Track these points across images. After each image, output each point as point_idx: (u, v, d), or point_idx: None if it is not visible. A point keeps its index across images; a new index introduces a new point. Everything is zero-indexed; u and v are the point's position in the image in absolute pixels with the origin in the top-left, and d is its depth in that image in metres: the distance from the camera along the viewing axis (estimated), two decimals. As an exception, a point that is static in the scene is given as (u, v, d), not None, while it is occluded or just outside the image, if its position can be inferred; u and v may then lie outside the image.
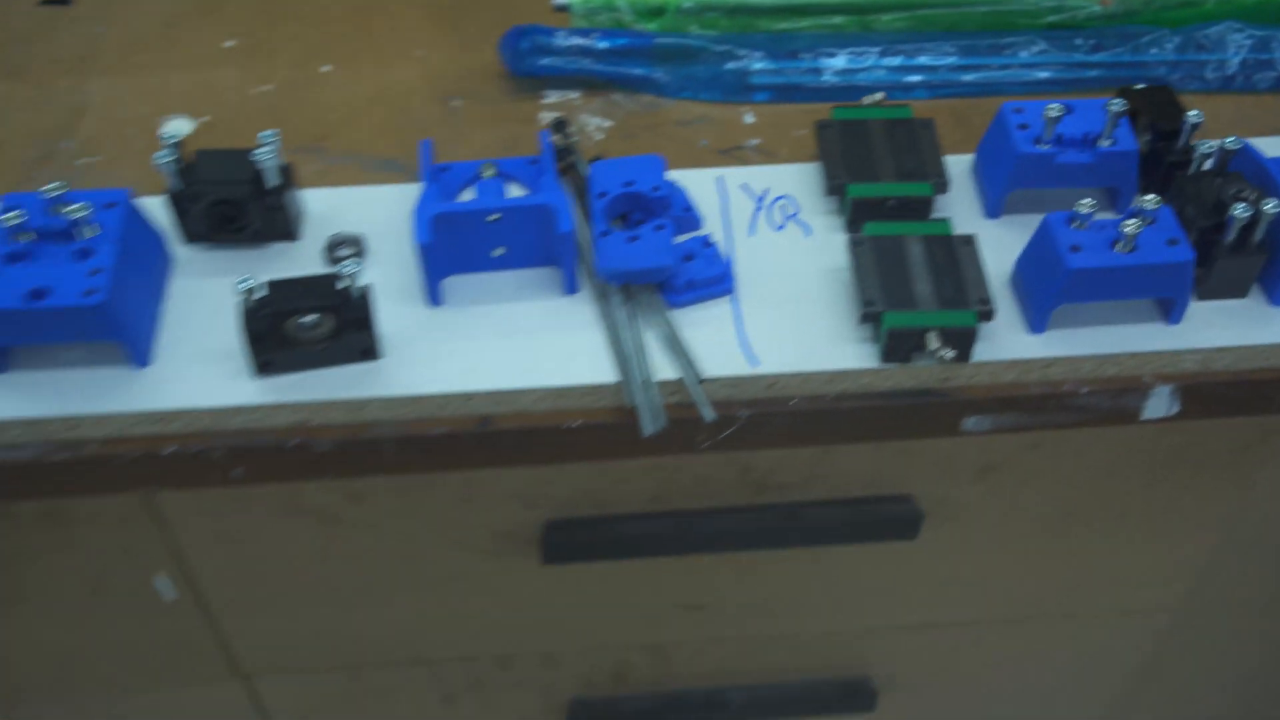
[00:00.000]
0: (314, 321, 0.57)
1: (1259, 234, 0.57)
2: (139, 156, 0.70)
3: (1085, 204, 0.55)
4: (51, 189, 0.58)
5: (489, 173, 0.62)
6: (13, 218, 0.58)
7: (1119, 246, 0.55)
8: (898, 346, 0.57)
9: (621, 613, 0.76)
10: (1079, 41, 0.73)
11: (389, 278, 0.62)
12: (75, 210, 0.57)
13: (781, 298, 0.61)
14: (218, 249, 0.64)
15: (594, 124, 0.71)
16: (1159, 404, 0.59)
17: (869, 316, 0.57)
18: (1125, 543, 0.74)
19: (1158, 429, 0.64)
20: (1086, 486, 0.69)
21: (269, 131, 0.61)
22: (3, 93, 0.74)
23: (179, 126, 0.72)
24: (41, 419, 0.58)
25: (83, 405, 0.58)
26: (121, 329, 0.57)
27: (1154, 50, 0.72)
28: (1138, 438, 0.65)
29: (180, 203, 0.62)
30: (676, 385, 0.58)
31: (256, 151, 0.60)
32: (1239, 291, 0.59)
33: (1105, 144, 0.60)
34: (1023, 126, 0.61)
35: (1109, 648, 0.84)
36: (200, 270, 0.63)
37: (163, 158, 0.60)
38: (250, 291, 0.55)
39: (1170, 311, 0.58)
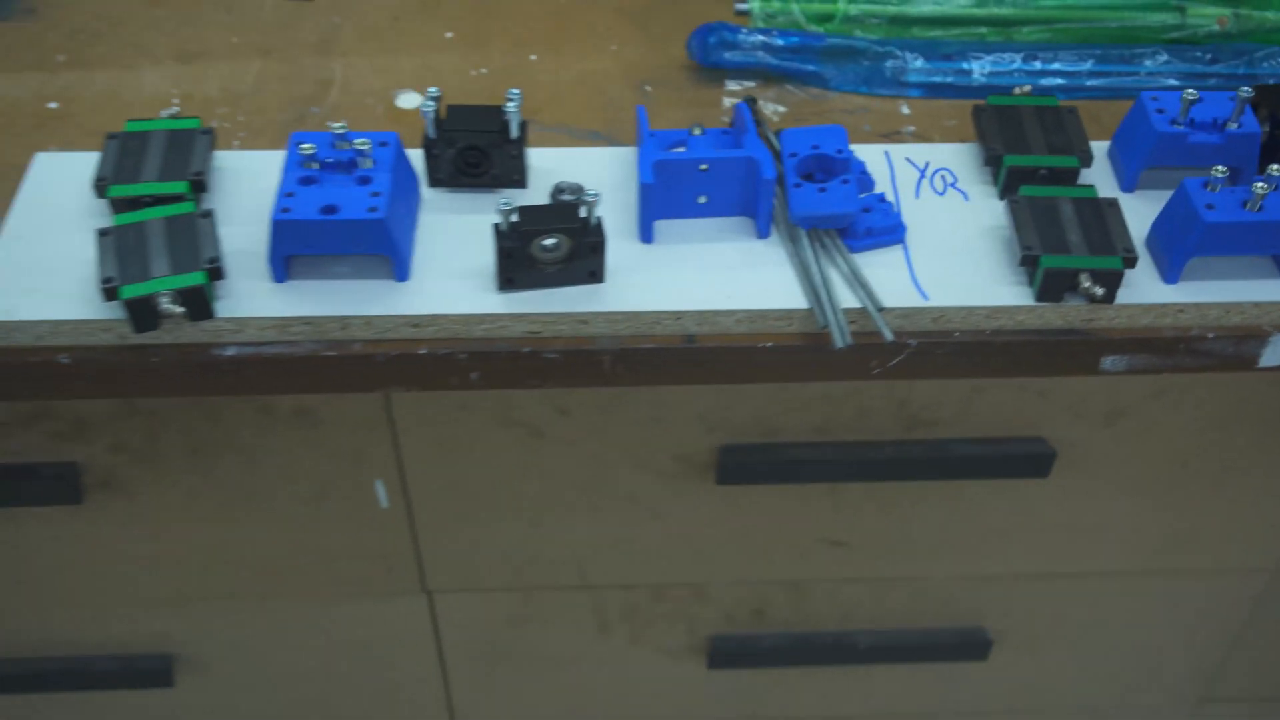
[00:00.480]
0: (555, 244, 0.68)
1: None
2: (378, 122, 0.82)
3: (1219, 170, 0.65)
4: (337, 128, 0.70)
5: (697, 131, 0.73)
6: (308, 148, 0.69)
7: (1248, 205, 0.65)
8: (1052, 286, 0.66)
9: (772, 545, 0.85)
10: (1198, 54, 0.83)
11: (604, 221, 0.73)
12: (361, 144, 0.69)
13: (946, 248, 0.71)
14: (458, 192, 0.75)
15: (770, 109, 0.82)
16: (1276, 352, 0.68)
17: (1028, 259, 0.67)
18: (1234, 499, 0.82)
19: (1272, 379, 0.73)
20: (1203, 437, 0.77)
21: (514, 90, 0.72)
22: (259, 68, 0.86)
23: (410, 100, 0.84)
24: (318, 317, 0.69)
25: (353, 308, 0.69)
26: (393, 244, 0.68)
27: (1266, 64, 0.82)
28: (1254, 388, 0.74)
29: (432, 149, 0.73)
30: (856, 315, 0.68)
31: (506, 105, 0.71)
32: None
33: (1232, 127, 0.70)
34: (1159, 111, 0.71)
35: (1210, 609, 0.92)
36: (445, 208, 0.74)
37: (426, 107, 0.72)
38: (508, 213, 0.66)
39: (1286, 268, 0.68)
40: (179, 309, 0.66)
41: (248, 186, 0.75)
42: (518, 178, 0.74)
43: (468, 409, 0.75)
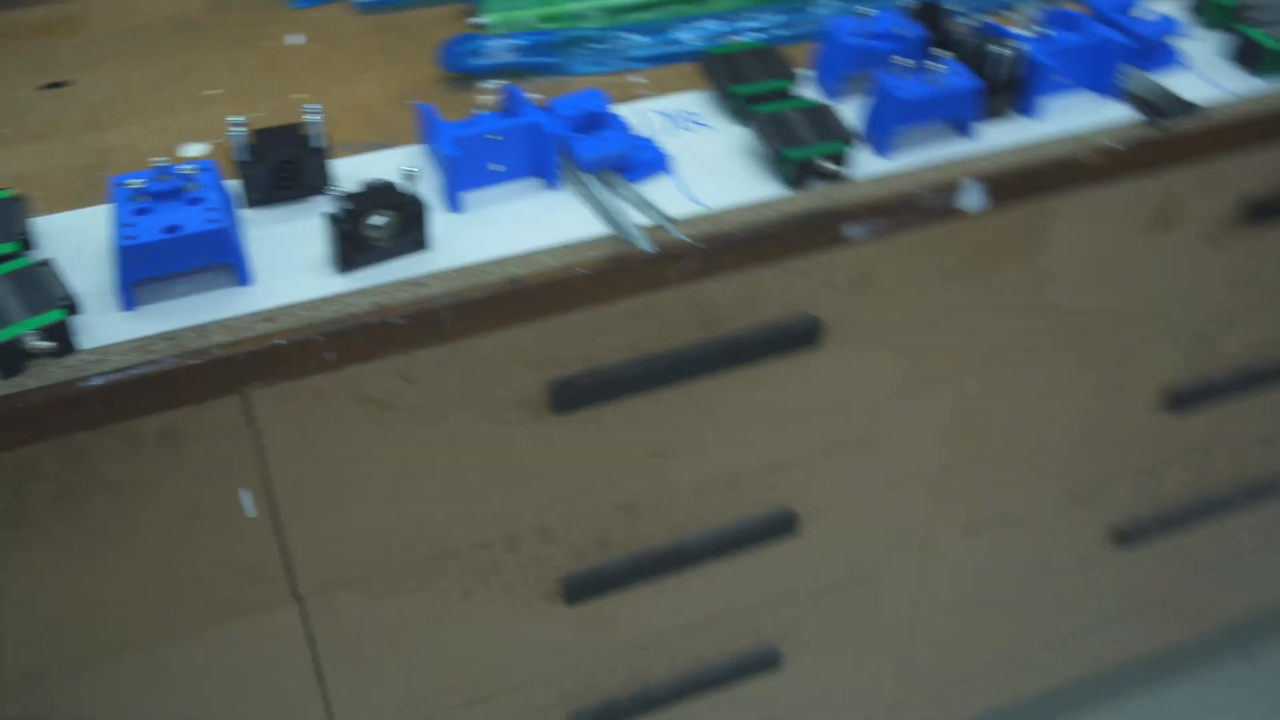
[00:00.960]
0: (383, 222, 0.77)
1: (1010, 69, 0.85)
2: (171, 173, 0.88)
3: (900, 60, 0.82)
4: (157, 162, 0.77)
5: (479, 112, 0.84)
6: (137, 183, 0.76)
7: (930, 81, 0.82)
8: (799, 174, 0.81)
9: (606, 469, 0.95)
10: (856, -2, 1.01)
11: (414, 204, 0.82)
12: (188, 169, 0.76)
13: (707, 168, 0.85)
14: (274, 207, 0.83)
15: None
16: (969, 195, 0.85)
17: (777, 158, 0.81)
18: (971, 338, 0.99)
19: (974, 223, 0.90)
20: (938, 285, 0.94)
21: (313, 104, 0.81)
22: (35, 150, 0.90)
23: (196, 149, 0.91)
24: (175, 330, 0.75)
25: (207, 315, 0.75)
26: (236, 251, 0.75)
27: (909, -4, 1.01)
28: (964, 234, 0.91)
29: (247, 169, 0.81)
30: (650, 231, 0.80)
31: (306, 117, 0.80)
32: (1004, 112, 0.87)
33: (902, 32, 0.87)
34: (846, 31, 0.88)
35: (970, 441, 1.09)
36: (267, 221, 0.82)
37: (237, 135, 0.79)
38: (339, 200, 0.75)
39: (966, 129, 0.85)
40: (47, 344, 0.71)
41: (71, 240, 0.80)
42: (326, 185, 0.83)
43: (323, 395, 0.82)
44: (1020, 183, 0.86)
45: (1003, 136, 0.87)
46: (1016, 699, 1.41)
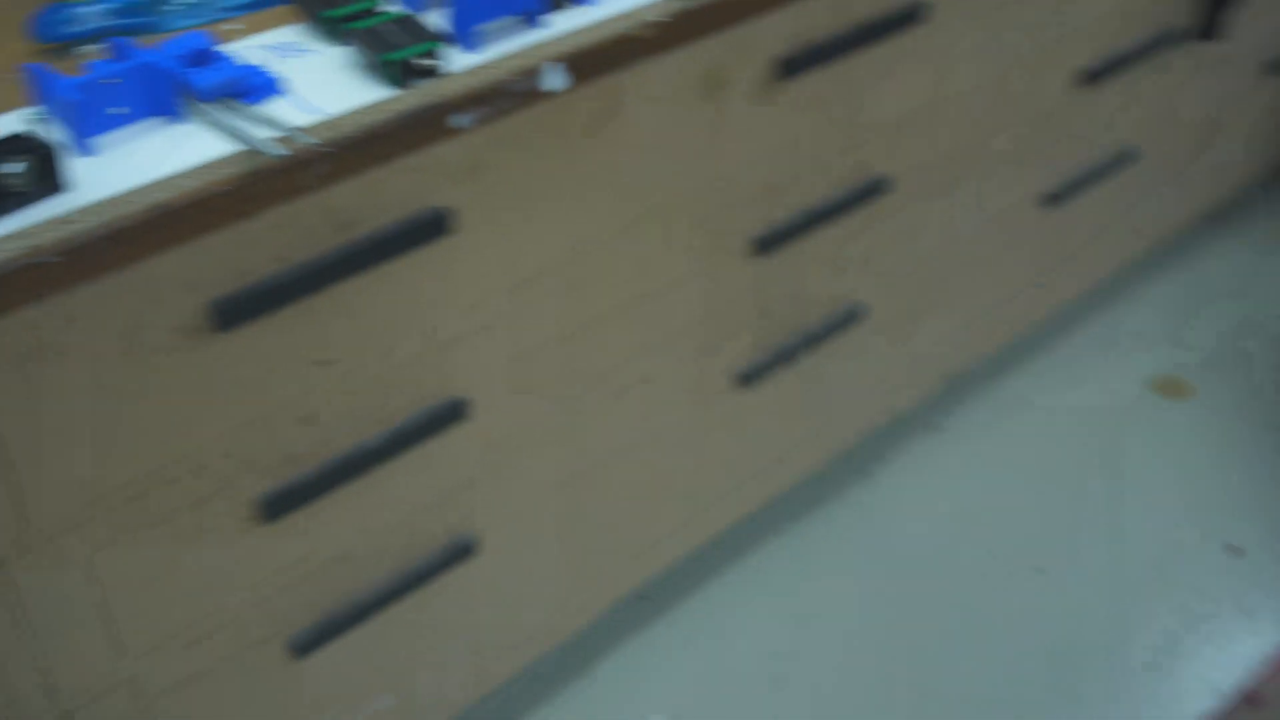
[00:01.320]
0: (19, 169, 0.81)
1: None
2: None
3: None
4: None
5: (89, 65, 0.89)
6: None
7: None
8: (404, 74, 0.92)
9: (277, 385, 1.02)
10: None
11: (43, 156, 0.87)
12: None
13: (318, 83, 0.94)
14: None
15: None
16: (550, 77, 0.99)
17: (380, 64, 0.92)
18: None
19: (560, 102, 1.04)
20: (538, 169, 1.07)
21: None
22: None
23: None
24: None
25: None
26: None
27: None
28: (554, 114, 1.05)
29: None
30: (278, 143, 0.89)
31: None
32: (563, 3, 1.02)
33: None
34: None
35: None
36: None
37: None
38: (-29, 151, 0.79)
39: (535, 20, 0.99)
40: None
41: None
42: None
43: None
44: (591, 61, 1.01)
45: (568, 22, 1.01)
46: (705, 539, 1.59)
